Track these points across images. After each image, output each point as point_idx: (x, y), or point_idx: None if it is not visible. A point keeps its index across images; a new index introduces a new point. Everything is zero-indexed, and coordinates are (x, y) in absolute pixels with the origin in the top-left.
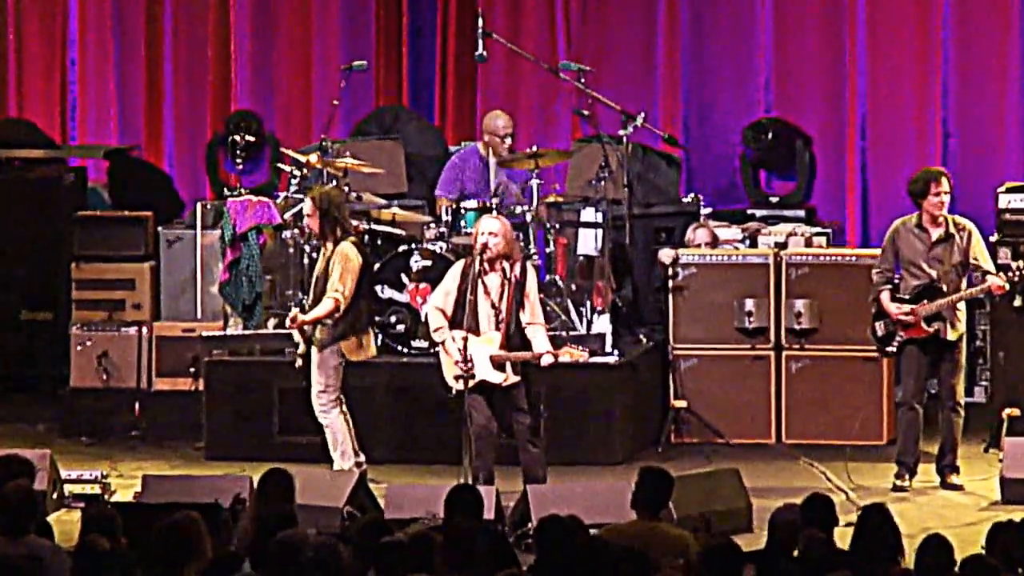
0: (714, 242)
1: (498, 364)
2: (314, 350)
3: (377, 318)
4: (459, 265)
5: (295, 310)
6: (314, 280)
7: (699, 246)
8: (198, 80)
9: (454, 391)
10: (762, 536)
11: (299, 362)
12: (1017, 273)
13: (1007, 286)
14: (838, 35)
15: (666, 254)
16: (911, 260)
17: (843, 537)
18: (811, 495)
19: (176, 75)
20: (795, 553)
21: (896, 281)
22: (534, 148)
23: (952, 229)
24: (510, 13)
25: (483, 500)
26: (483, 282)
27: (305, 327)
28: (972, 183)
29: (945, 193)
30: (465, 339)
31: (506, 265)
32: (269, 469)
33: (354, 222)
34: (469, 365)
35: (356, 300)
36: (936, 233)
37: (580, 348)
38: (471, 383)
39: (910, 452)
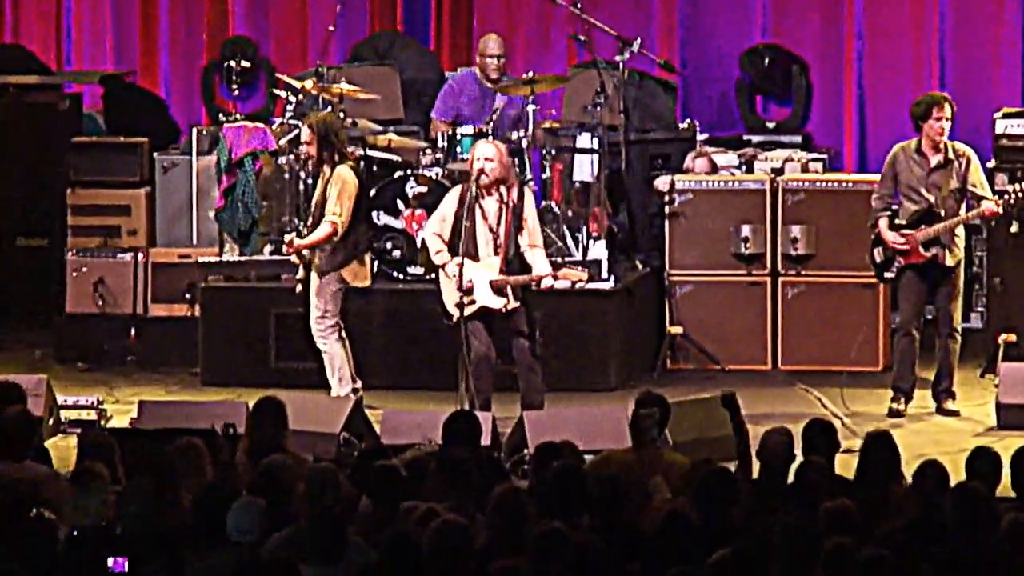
0: (713, 171)
1: (498, 289)
2: (313, 275)
3: (374, 244)
4: (456, 191)
5: (291, 235)
6: (313, 205)
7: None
8: (194, 5)
9: (454, 318)
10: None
11: (299, 287)
12: (1014, 196)
13: (1001, 210)
14: None
15: (662, 181)
16: (910, 185)
17: (839, 464)
18: (812, 420)
19: (171, 0)
20: (789, 478)
21: (895, 207)
22: (530, 74)
23: (951, 155)
24: None
25: (480, 426)
26: (480, 207)
27: (304, 252)
28: (969, 109)
29: (947, 119)
30: (462, 265)
31: (503, 190)
32: (261, 397)
33: (350, 148)
34: (468, 289)
35: (354, 224)
36: (935, 159)
37: (579, 269)
38: (471, 309)
39: (906, 378)
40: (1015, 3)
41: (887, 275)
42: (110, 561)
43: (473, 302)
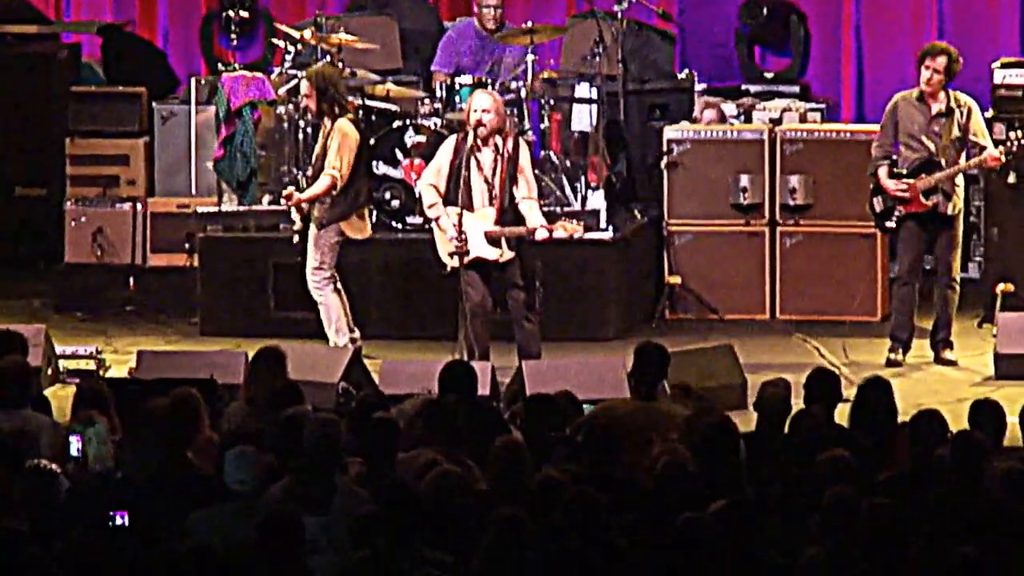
0: (722, 121)
1: (492, 240)
2: (312, 227)
3: (373, 196)
4: (451, 140)
5: (291, 188)
6: (314, 158)
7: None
8: None
9: (448, 268)
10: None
11: (296, 238)
12: (1016, 143)
13: (1003, 158)
14: None
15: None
16: (910, 133)
17: (839, 413)
18: (815, 369)
19: None
20: (786, 429)
21: (894, 156)
22: (529, 23)
23: (952, 104)
24: None
25: (476, 376)
26: (476, 158)
27: (302, 204)
28: (967, 58)
29: (935, 71)
30: (460, 215)
31: (499, 140)
32: (260, 347)
33: (349, 98)
34: (463, 240)
35: (355, 177)
36: (936, 107)
37: (575, 222)
38: (466, 260)
39: (905, 327)
40: None
41: (887, 224)
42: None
43: (467, 252)
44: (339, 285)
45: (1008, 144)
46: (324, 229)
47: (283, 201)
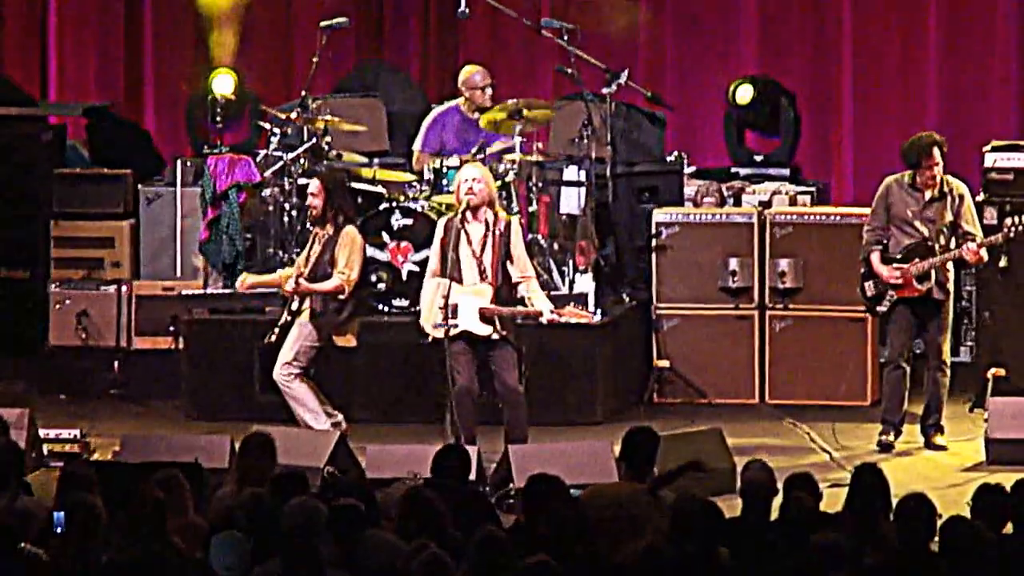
0: (722, 205)
1: (486, 318)
2: (301, 320)
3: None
4: (443, 221)
5: (294, 274)
6: (307, 260)
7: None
8: (178, 36)
9: (430, 337)
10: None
11: (273, 337)
12: (1013, 230)
13: (985, 256)
14: None
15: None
16: (903, 218)
17: (828, 498)
18: (790, 476)
19: (156, 31)
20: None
21: (885, 240)
22: (517, 101)
23: (945, 188)
24: None
25: (470, 461)
26: (465, 231)
27: (295, 300)
28: (958, 141)
29: (937, 165)
30: (449, 286)
31: (489, 216)
32: (250, 432)
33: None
34: (450, 311)
35: (359, 286)
36: (930, 192)
37: (584, 308)
38: (452, 332)
39: (896, 411)
40: (1004, 39)
41: (879, 309)
42: None
43: (455, 326)
44: (307, 374)
45: (1007, 230)
46: (313, 329)
47: (290, 286)
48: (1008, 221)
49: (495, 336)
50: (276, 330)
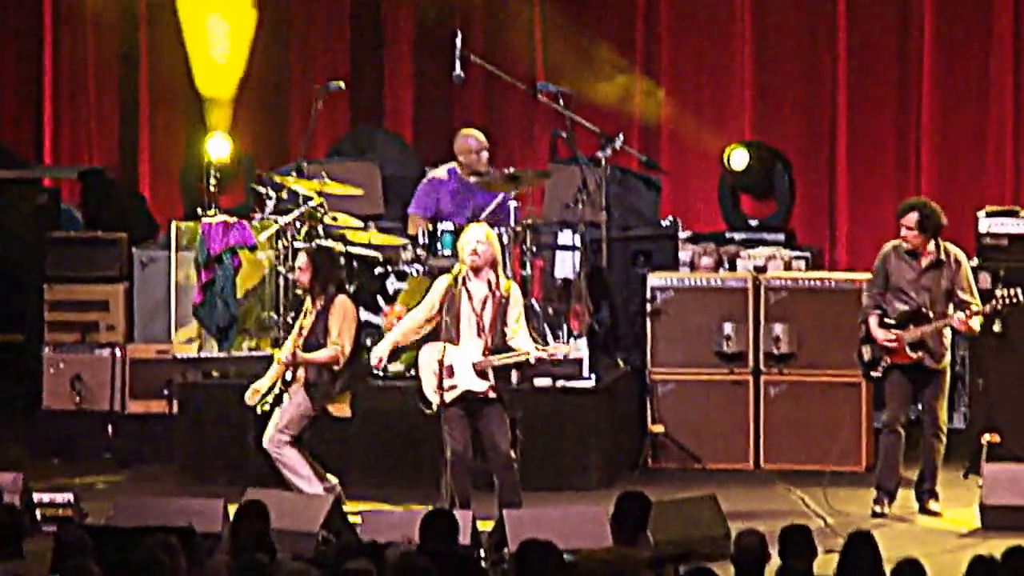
0: (718, 266)
1: (481, 372)
2: (294, 390)
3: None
4: (444, 279)
5: (289, 346)
6: (301, 329)
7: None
8: (173, 100)
9: (434, 407)
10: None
11: (267, 406)
12: (1000, 303)
13: (976, 327)
14: (818, 60)
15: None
16: (899, 286)
17: (822, 565)
18: (786, 527)
19: (151, 94)
20: None
21: (884, 306)
22: (511, 169)
23: (942, 256)
24: (489, 33)
25: (458, 525)
26: (467, 290)
27: (288, 371)
28: (952, 207)
29: (908, 227)
30: (444, 350)
31: (491, 276)
32: (244, 501)
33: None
34: (448, 374)
35: (352, 357)
36: (926, 259)
37: (565, 343)
38: (452, 395)
39: (891, 477)
40: (998, 104)
41: (874, 374)
42: None
43: (454, 387)
44: (299, 442)
45: (996, 301)
46: (307, 400)
47: (282, 358)
48: (999, 293)
49: (491, 395)
50: (269, 399)
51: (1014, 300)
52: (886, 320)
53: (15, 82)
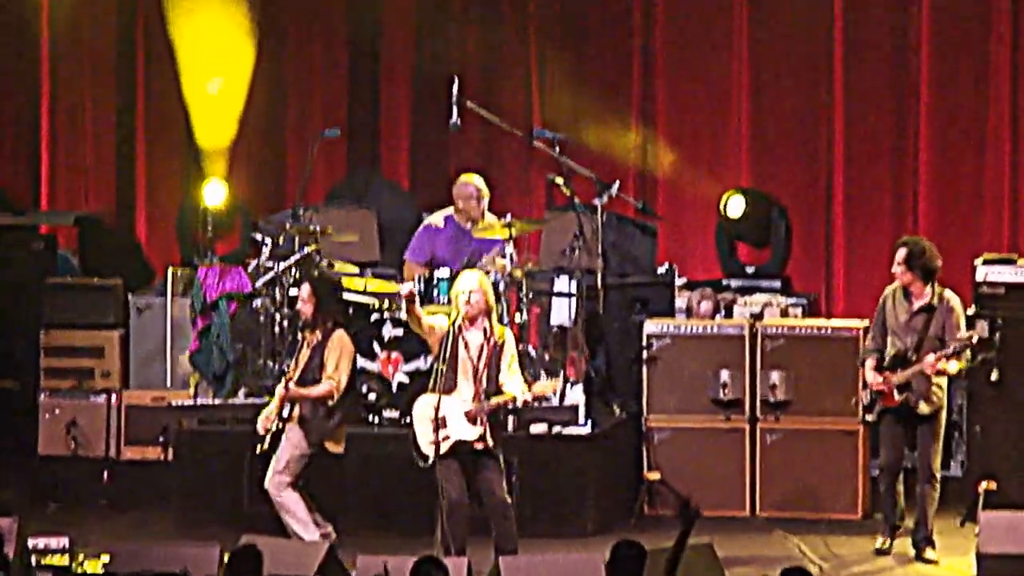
0: (716, 312)
1: (472, 419)
2: (290, 428)
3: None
4: (448, 318)
5: (285, 381)
6: (298, 363)
7: (703, 316)
8: (170, 147)
9: (431, 459)
10: None
11: (266, 445)
12: (962, 344)
13: (953, 370)
14: (814, 107)
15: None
16: (893, 328)
17: None
18: (785, 569)
19: (147, 141)
20: None
21: (882, 349)
22: (508, 217)
23: (935, 300)
24: (485, 80)
25: (448, 572)
26: (463, 338)
27: (283, 410)
28: (949, 255)
29: (897, 263)
30: (438, 403)
31: (487, 324)
32: (238, 546)
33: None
34: (442, 425)
35: (348, 391)
36: (919, 303)
37: (550, 380)
38: (446, 445)
39: (890, 512)
40: (995, 150)
41: (868, 417)
42: None
43: (447, 437)
44: (298, 485)
45: (956, 345)
46: (303, 436)
47: (280, 390)
48: (963, 335)
49: (488, 440)
50: (268, 438)
51: (971, 342)
52: (883, 364)
53: (12, 127)
